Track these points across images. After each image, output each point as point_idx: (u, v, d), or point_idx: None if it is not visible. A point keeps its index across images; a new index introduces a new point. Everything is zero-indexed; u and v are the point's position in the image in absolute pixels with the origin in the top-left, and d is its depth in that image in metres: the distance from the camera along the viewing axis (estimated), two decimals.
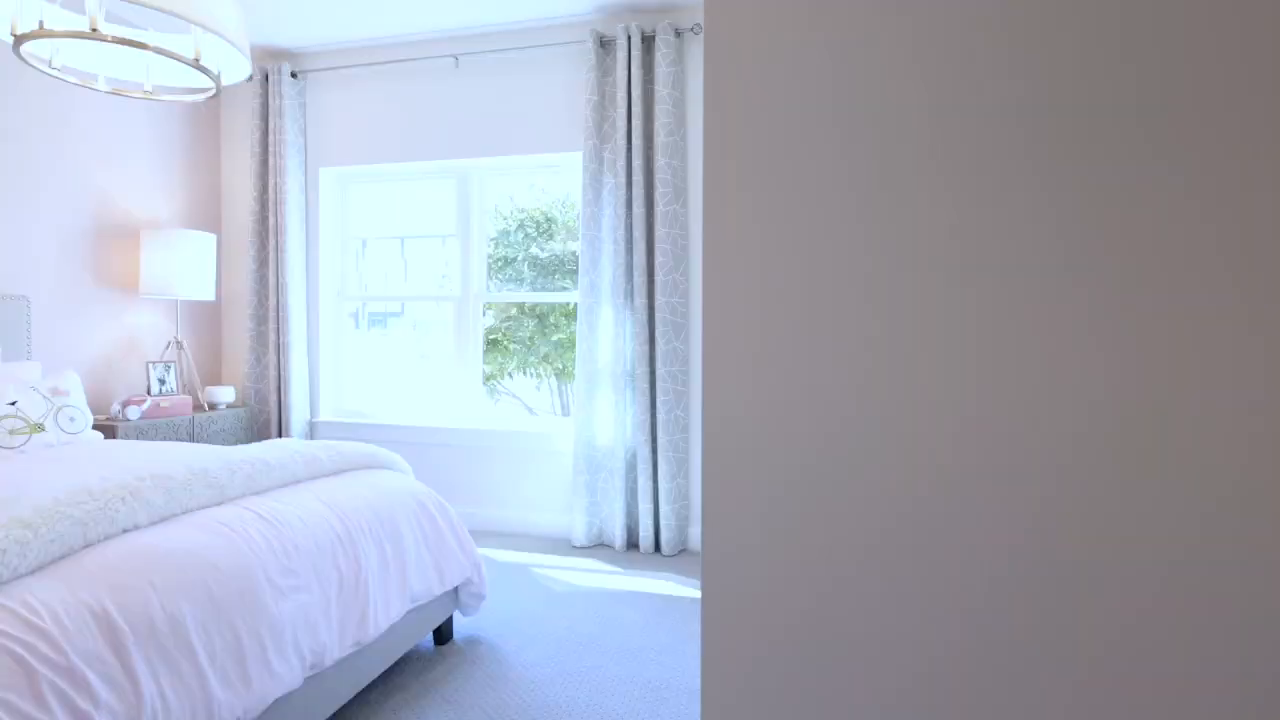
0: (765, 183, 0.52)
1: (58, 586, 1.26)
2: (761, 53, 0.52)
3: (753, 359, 0.53)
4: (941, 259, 0.49)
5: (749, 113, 0.53)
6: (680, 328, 3.14)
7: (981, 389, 0.48)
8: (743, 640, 0.54)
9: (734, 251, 0.53)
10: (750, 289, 0.53)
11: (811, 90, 0.51)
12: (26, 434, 2.39)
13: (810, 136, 0.51)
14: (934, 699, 0.52)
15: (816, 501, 0.52)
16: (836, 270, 0.50)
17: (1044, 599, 0.49)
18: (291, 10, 3.26)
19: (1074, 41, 0.46)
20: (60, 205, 3.10)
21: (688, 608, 2.57)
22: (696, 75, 3.17)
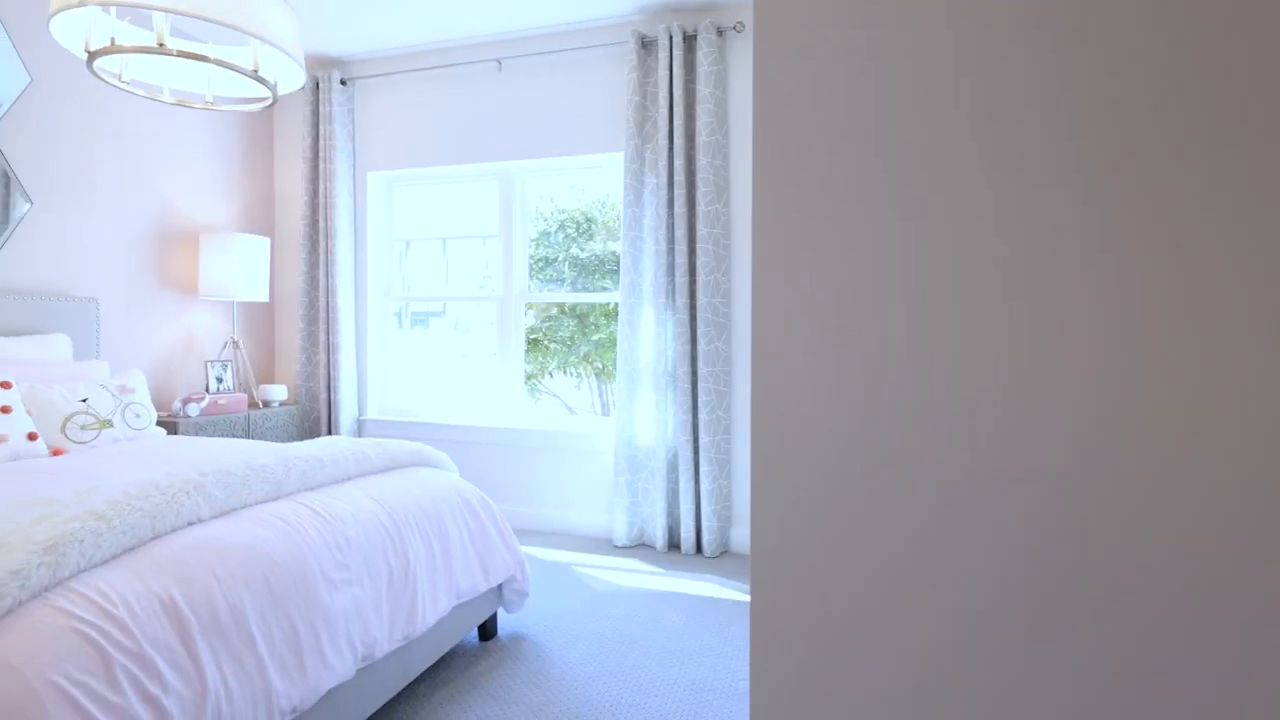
0: (814, 181, 0.52)
1: (128, 576, 1.31)
2: (810, 51, 0.52)
3: (802, 359, 0.52)
4: (986, 257, 0.48)
5: (799, 111, 0.52)
6: (722, 328, 3.12)
7: (1032, 387, 0.48)
8: (792, 643, 0.54)
9: (784, 251, 0.53)
10: (800, 289, 0.52)
11: (860, 89, 0.51)
12: (96, 429, 2.51)
13: (859, 135, 0.51)
14: (984, 703, 0.51)
15: (867, 503, 0.52)
16: (886, 268, 0.50)
17: (1090, 592, 0.47)
18: (341, 20, 3.35)
19: (1113, 40, 0.46)
20: (126, 211, 3.25)
21: (731, 610, 2.56)
22: (739, 74, 3.15)
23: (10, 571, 1.16)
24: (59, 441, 2.40)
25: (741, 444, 3.21)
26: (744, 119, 3.15)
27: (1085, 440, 0.47)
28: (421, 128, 3.71)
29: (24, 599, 1.17)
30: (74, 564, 1.26)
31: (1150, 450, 0.46)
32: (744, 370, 3.20)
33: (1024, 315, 0.48)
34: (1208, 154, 0.44)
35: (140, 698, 1.17)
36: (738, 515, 3.23)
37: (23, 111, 2.82)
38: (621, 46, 3.31)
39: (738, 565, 3.05)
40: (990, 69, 0.48)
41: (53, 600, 1.19)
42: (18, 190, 2.79)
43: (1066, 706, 0.48)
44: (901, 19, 0.50)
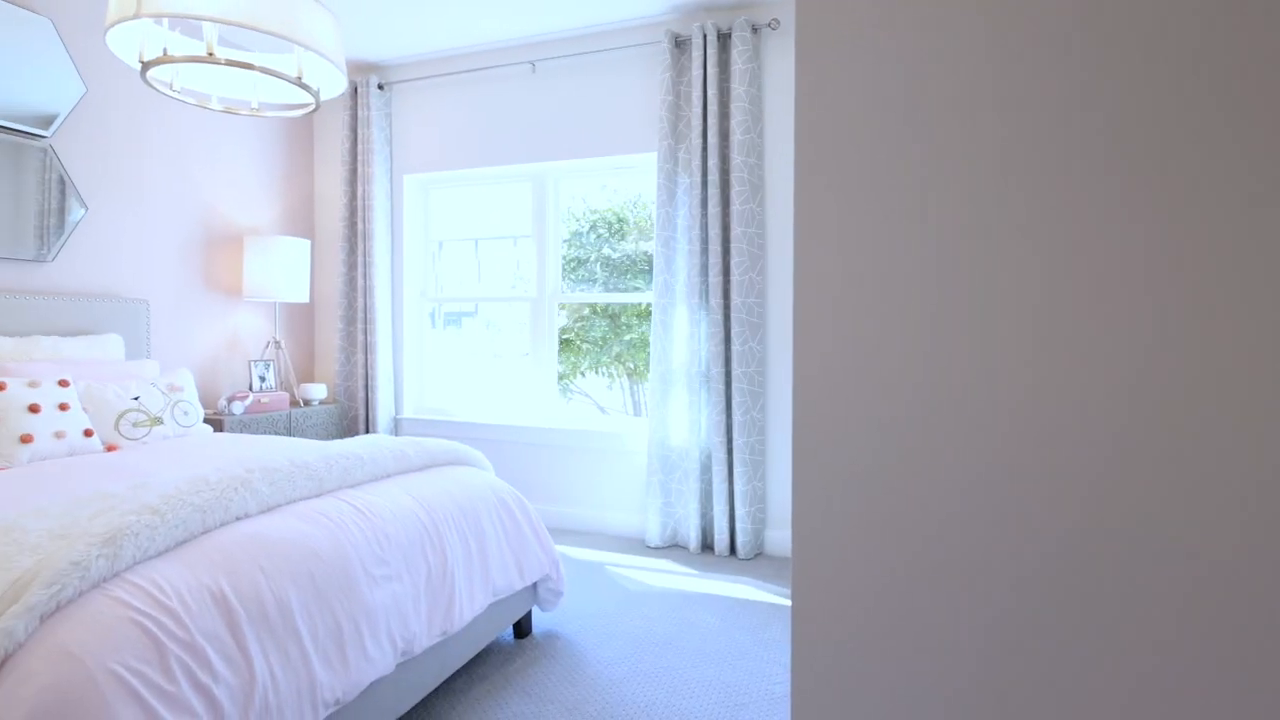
0: (857, 179, 0.52)
1: (181, 568, 1.35)
2: (853, 48, 0.53)
3: (845, 358, 0.52)
4: (1027, 254, 0.48)
5: (841, 109, 0.53)
6: (757, 328, 3.10)
7: (1073, 384, 0.48)
8: (834, 647, 0.53)
9: (827, 250, 0.53)
10: (843, 289, 0.52)
11: (902, 86, 0.51)
12: (147, 426, 2.59)
13: (901, 132, 0.51)
14: (1032, 710, 0.49)
15: (912, 503, 0.51)
16: (932, 267, 0.50)
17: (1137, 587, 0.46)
18: (379, 25, 3.42)
19: (1150, 38, 0.46)
20: (175, 215, 3.35)
21: (766, 612, 2.54)
22: (774, 72, 3.12)
23: (72, 563, 1.21)
24: (113, 438, 2.48)
25: (776, 445, 3.19)
26: (779, 117, 3.12)
27: (1129, 437, 0.47)
28: (456, 130, 3.76)
29: (84, 589, 1.21)
30: (130, 556, 1.30)
31: (1185, 443, 0.46)
32: (779, 371, 3.17)
33: (1066, 312, 0.48)
34: (1242, 155, 0.44)
35: (192, 687, 1.20)
36: (773, 517, 3.20)
37: (78, 121, 2.93)
38: (655, 46, 3.31)
39: (773, 568, 3.02)
40: (1034, 67, 0.48)
41: (110, 591, 1.24)
42: (73, 196, 2.90)
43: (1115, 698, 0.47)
44: (944, 14, 0.50)
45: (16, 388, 2.27)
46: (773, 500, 3.20)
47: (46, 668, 1.07)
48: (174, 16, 1.88)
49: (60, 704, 1.05)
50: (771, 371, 3.18)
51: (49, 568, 1.18)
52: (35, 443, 2.21)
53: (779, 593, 2.72)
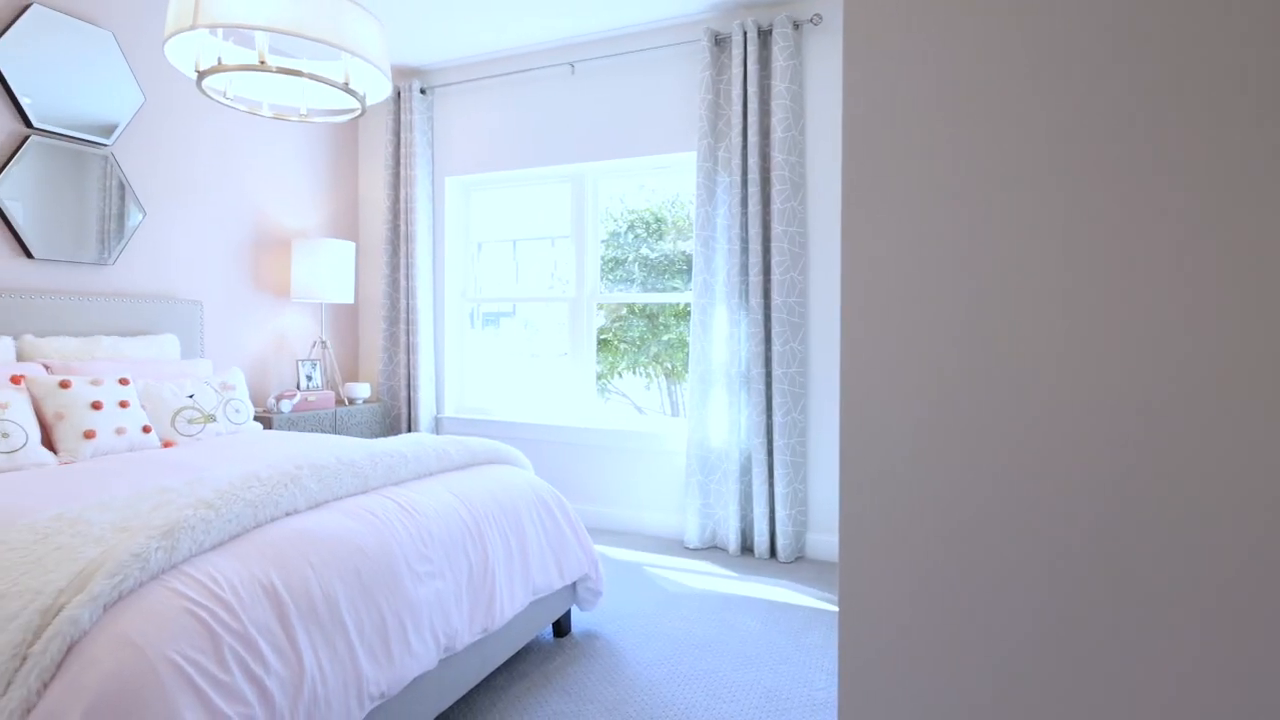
0: (905, 177, 0.52)
1: (233, 561, 1.39)
2: (902, 45, 0.52)
3: (895, 359, 0.52)
4: (1081, 254, 0.49)
5: (889, 105, 0.52)
6: (798, 328, 3.05)
7: (1135, 380, 0.48)
8: (883, 654, 0.52)
9: (875, 249, 0.52)
10: (891, 289, 0.52)
11: (953, 80, 0.51)
12: (201, 423, 2.68)
13: (953, 128, 0.51)
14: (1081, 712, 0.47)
15: (960, 511, 0.50)
16: (982, 266, 0.50)
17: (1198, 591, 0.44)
18: (421, 31, 3.47)
19: (1188, 41, 0.46)
20: (226, 219, 3.46)
21: (808, 616, 2.50)
22: (815, 68, 3.08)
23: (132, 554, 1.25)
24: (169, 434, 2.57)
25: (818, 447, 3.14)
26: (821, 114, 3.07)
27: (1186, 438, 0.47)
28: (497, 132, 3.80)
29: (144, 580, 1.25)
30: (186, 549, 1.34)
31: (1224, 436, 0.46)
32: (821, 372, 3.12)
33: (1117, 309, 0.48)
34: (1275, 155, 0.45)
35: (246, 677, 1.23)
36: (814, 520, 3.15)
37: (137, 129, 3.05)
38: (694, 45, 3.30)
39: (814, 571, 2.97)
40: (1083, 62, 0.48)
41: (168, 582, 1.27)
42: (132, 201, 3.01)
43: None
44: (989, 14, 0.50)
45: (81, 386, 2.36)
46: (814, 503, 3.15)
47: (109, 655, 1.11)
48: (228, 27, 1.94)
49: (121, 691, 1.08)
50: (813, 372, 3.14)
51: (112, 559, 1.23)
52: (98, 438, 2.31)
53: (821, 597, 2.68)
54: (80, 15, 2.83)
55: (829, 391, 3.10)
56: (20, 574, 1.23)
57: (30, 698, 1.06)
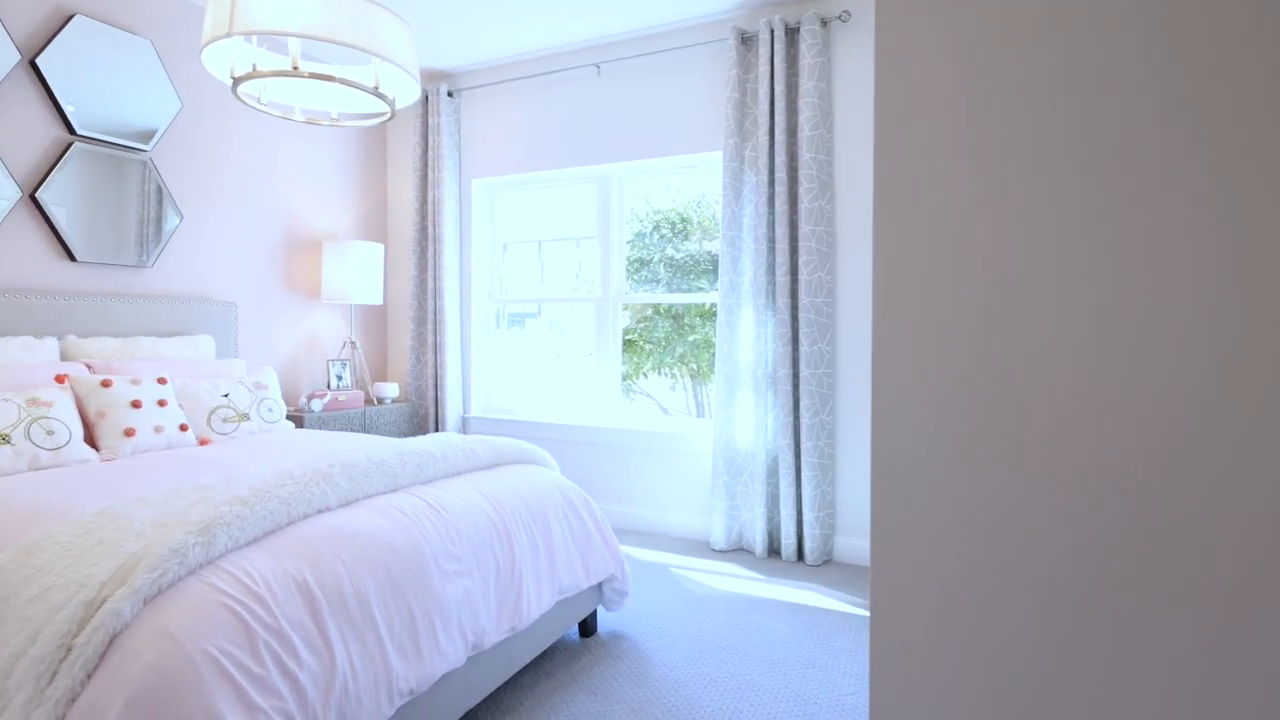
0: (939, 175, 0.51)
1: (268, 557, 1.41)
2: (935, 39, 0.51)
3: (928, 360, 0.51)
4: (1114, 255, 0.48)
5: (922, 103, 0.52)
6: (826, 329, 3.02)
7: (1167, 382, 0.47)
8: (914, 659, 0.51)
9: (908, 248, 0.51)
10: (925, 289, 0.51)
11: (981, 85, 0.50)
12: (236, 422, 2.73)
13: (982, 131, 0.51)
14: None
15: (997, 516, 0.49)
16: (1022, 264, 0.49)
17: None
18: (449, 34, 3.51)
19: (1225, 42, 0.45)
20: (260, 222, 3.53)
21: (836, 621, 2.47)
22: (844, 65, 3.04)
23: (171, 549, 1.27)
24: (205, 432, 2.63)
25: (847, 449, 3.10)
26: (850, 111, 3.04)
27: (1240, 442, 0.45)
28: (523, 134, 3.82)
29: (182, 575, 1.28)
30: (223, 545, 1.37)
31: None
32: (849, 372, 3.08)
33: (1146, 309, 0.47)
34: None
35: (279, 671, 1.25)
36: (843, 523, 3.11)
37: (174, 134, 3.13)
38: (720, 44, 3.28)
39: (843, 575, 2.94)
40: (1114, 64, 0.47)
41: (205, 577, 1.30)
42: (170, 205, 3.09)
43: None
44: (1025, 11, 0.49)
45: (121, 385, 2.43)
46: (843, 506, 3.11)
47: (149, 647, 1.14)
48: (262, 33, 1.98)
49: (161, 683, 1.11)
50: (842, 373, 3.10)
51: (152, 553, 1.25)
52: (137, 436, 2.37)
53: (850, 601, 2.64)
54: (120, 24, 2.91)
55: (858, 393, 3.06)
56: (65, 567, 1.27)
57: (75, 687, 1.09)
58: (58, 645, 1.12)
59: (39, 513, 1.61)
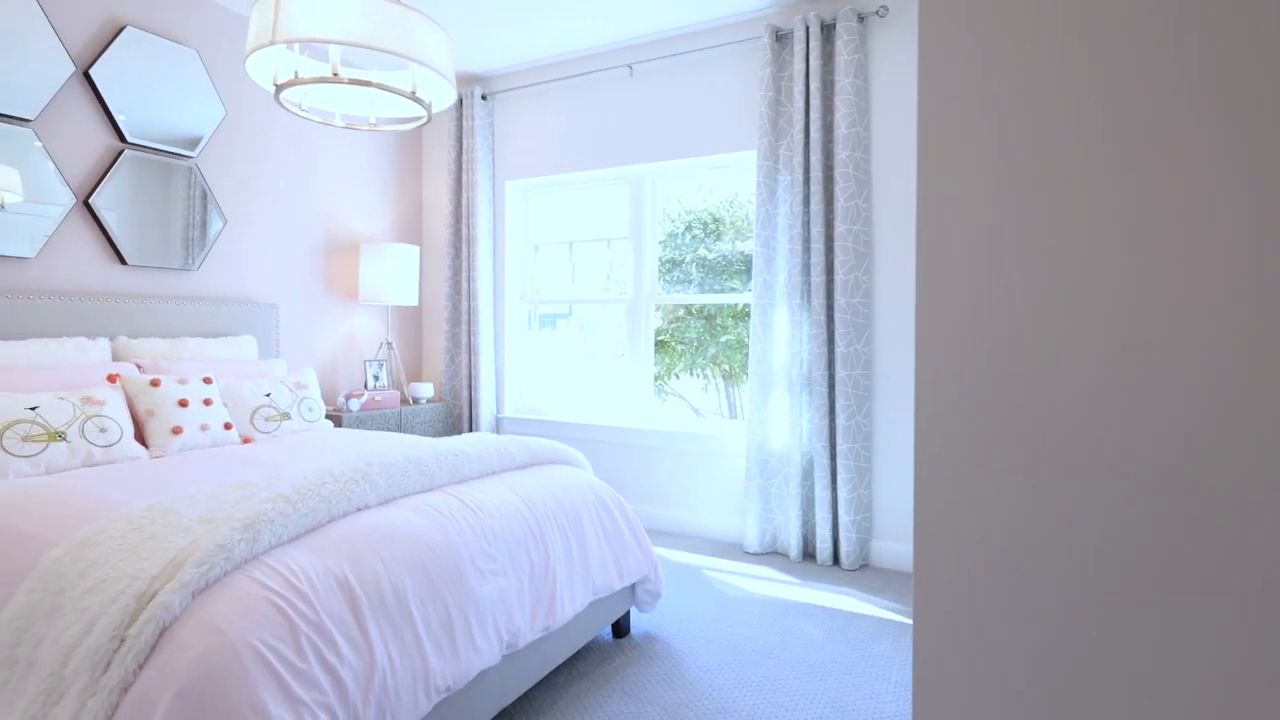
0: (984, 172, 0.49)
1: (309, 554, 1.44)
2: (979, 33, 0.50)
3: (973, 362, 0.49)
4: (1160, 252, 0.46)
5: (967, 98, 0.50)
6: (863, 329, 2.97)
7: (1221, 384, 0.45)
8: (960, 666, 0.49)
9: (952, 247, 0.50)
10: (971, 288, 0.49)
11: (1026, 83, 0.49)
12: (277, 421, 2.80)
13: (1036, 119, 0.49)
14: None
15: (1045, 521, 0.47)
16: (1059, 266, 0.47)
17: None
18: (483, 38, 3.54)
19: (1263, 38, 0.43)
20: (300, 225, 3.61)
21: (874, 626, 2.42)
22: (881, 61, 2.99)
23: (218, 545, 1.30)
24: (248, 431, 2.70)
25: (885, 452, 3.04)
26: (888, 108, 2.99)
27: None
28: (556, 136, 3.84)
29: (228, 570, 1.31)
30: (266, 541, 1.40)
31: None
32: (887, 374, 3.03)
33: (1210, 314, 0.45)
34: None
35: (321, 666, 1.27)
36: (880, 527, 3.06)
37: (218, 141, 3.21)
38: (754, 42, 3.26)
39: (880, 580, 2.88)
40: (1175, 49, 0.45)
41: (250, 572, 1.33)
42: (214, 210, 3.17)
43: None
44: (1069, 8, 0.48)
45: (169, 384, 2.50)
46: (880, 509, 3.06)
47: (198, 640, 1.16)
48: (304, 41, 2.02)
49: (208, 675, 1.13)
50: (879, 375, 3.05)
51: (199, 549, 1.29)
52: (184, 434, 2.44)
53: (888, 607, 2.59)
54: (168, 35, 3.00)
55: (895, 395, 3.01)
56: (118, 560, 1.31)
57: (127, 677, 1.12)
58: (111, 636, 1.16)
59: (93, 508, 1.67)
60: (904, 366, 2.99)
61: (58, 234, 2.67)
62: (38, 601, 1.31)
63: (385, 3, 2.08)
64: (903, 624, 2.44)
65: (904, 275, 2.99)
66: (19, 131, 2.53)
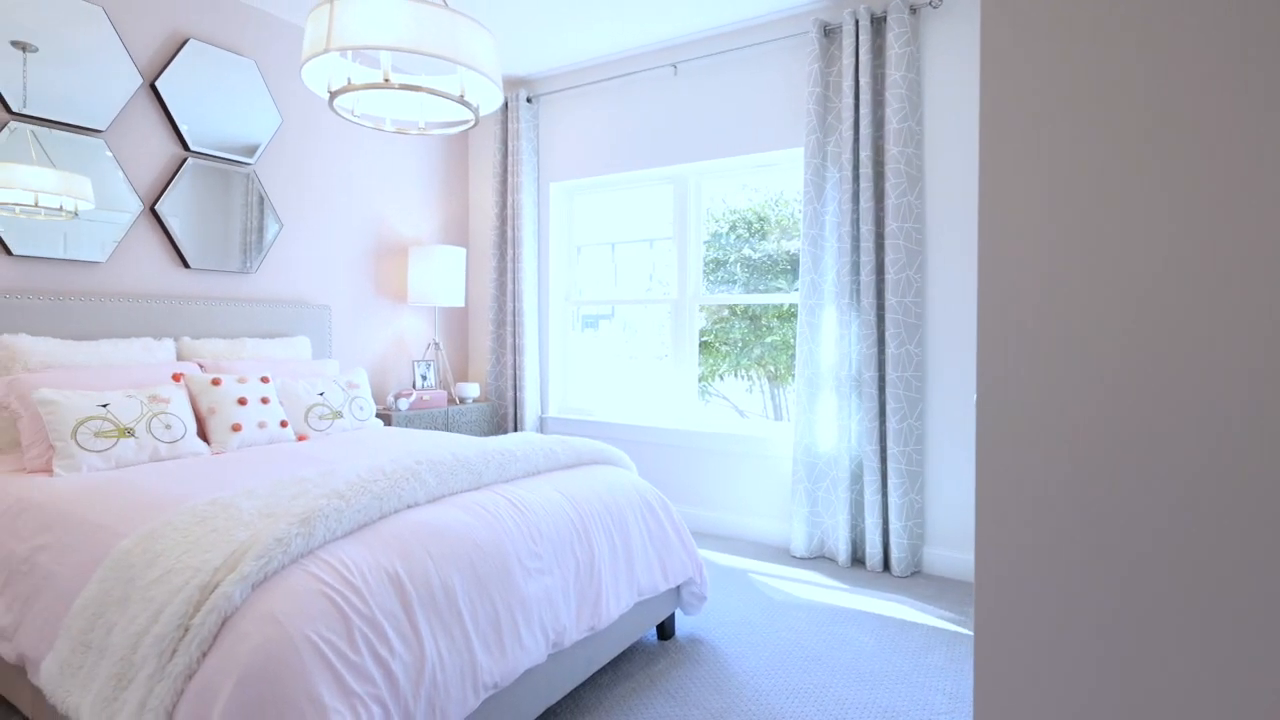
0: (1048, 178, 0.46)
1: (362, 549, 1.46)
2: (1043, 24, 0.47)
3: (1037, 365, 0.46)
4: (1232, 254, 0.44)
5: (1031, 91, 0.47)
6: (914, 329, 2.89)
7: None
8: (1024, 683, 0.46)
9: (1015, 244, 0.47)
10: (1034, 287, 0.46)
11: (1091, 81, 0.47)
12: (330, 419, 2.87)
13: (1094, 127, 0.47)
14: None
15: (1111, 528, 0.43)
16: (1128, 266, 0.44)
17: None
18: (528, 41, 3.58)
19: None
20: (351, 229, 3.70)
21: (927, 636, 2.35)
22: (935, 54, 2.91)
23: (276, 539, 1.34)
24: (302, 428, 2.77)
25: (938, 456, 2.95)
26: (941, 103, 2.90)
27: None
28: (600, 137, 3.85)
29: (285, 563, 1.34)
30: (321, 536, 1.43)
31: None
32: (940, 375, 2.94)
33: (1270, 310, 0.43)
34: None
35: (373, 659, 1.29)
36: (932, 533, 2.97)
37: (274, 148, 3.32)
38: (802, 37, 3.20)
39: (933, 588, 2.80)
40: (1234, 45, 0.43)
41: (306, 566, 1.36)
42: (270, 215, 3.28)
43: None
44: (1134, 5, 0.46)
45: (229, 383, 2.59)
46: (933, 515, 2.97)
47: (257, 630, 1.19)
48: (357, 48, 2.06)
49: (266, 664, 1.16)
50: (932, 376, 2.96)
51: (259, 542, 1.32)
52: (243, 431, 2.52)
53: (942, 616, 2.51)
54: (228, 46, 3.12)
55: (949, 397, 2.91)
56: (183, 552, 1.35)
57: (192, 665, 1.16)
58: (177, 625, 1.19)
59: (158, 501, 1.73)
60: (957, 368, 2.90)
61: (126, 239, 2.80)
62: (109, 590, 1.37)
63: (434, 8, 2.12)
64: (959, 634, 2.36)
65: (958, 274, 2.90)
66: (91, 142, 2.66)
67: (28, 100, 2.49)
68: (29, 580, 1.61)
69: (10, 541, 1.73)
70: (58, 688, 1.34)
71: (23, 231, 2.50)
